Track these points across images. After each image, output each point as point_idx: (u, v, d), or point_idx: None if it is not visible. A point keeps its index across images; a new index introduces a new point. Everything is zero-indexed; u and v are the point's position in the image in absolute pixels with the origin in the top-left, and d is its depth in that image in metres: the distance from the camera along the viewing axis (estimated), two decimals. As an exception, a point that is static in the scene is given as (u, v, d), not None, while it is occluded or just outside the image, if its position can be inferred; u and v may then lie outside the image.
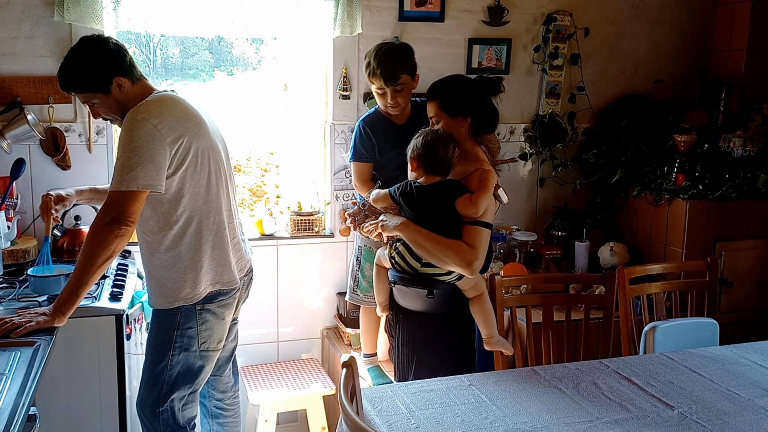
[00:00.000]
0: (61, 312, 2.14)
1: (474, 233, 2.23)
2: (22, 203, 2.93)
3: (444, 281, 2.30)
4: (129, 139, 2.18)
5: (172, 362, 2.36)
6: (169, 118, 2.23)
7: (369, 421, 1.80)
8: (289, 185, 3.49)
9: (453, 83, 2.44)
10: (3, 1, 2.90)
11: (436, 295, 2.29)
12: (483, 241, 2.25)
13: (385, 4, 3.35)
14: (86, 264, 2.15)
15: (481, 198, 2.23)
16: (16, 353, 1.93)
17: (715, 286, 2.86)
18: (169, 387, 2.37)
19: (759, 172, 3.32)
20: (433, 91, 2.43)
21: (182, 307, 2.33)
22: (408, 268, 2.31)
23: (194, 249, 2.32)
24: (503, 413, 1.84)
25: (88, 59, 2.28)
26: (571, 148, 3.75)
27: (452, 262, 2.22)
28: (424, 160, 2.32)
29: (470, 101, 2.38)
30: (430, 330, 2.36)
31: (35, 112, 2.95)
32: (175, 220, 2.29)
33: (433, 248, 2.23)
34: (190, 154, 2.26)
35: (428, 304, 2.31)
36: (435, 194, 2.28)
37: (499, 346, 2.38)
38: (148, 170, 2.16)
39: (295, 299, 3.45)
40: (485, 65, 3.53)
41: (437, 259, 2.24)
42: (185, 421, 2.44)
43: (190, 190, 2.29)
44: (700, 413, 1.87)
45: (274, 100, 3.53)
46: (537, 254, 3.52)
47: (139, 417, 2.45)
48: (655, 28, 3.82)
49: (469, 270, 2.22)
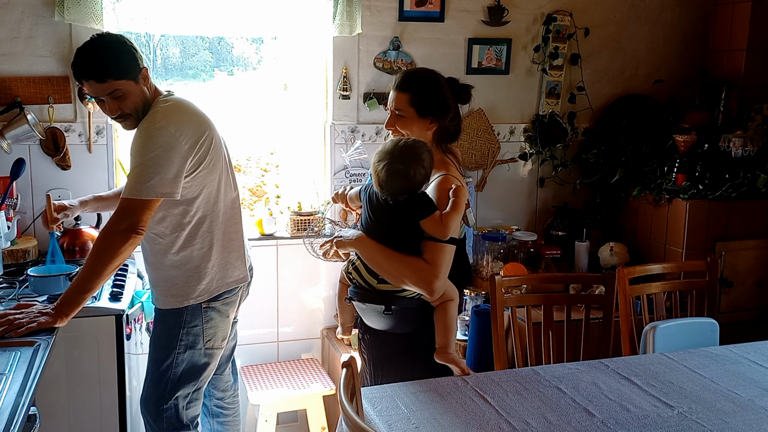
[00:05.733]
0: (64, 313, 2.14)
1: (436, 250, 2.00)
2: (22, 203, 2.93)
3: (404, 297, 2.08)
4: (148, 148, 2.17)
5: (177, 360, 2.36)
6: (186, 125, 2.23)
7: (369, 421, 1.80)
8: (289, 185, 3.49)
9: (429, 79, 2.16)
10: (3, 1, 2.90)
11: (395, 311, 2.08)
12: (446, 258, 2.01)
13: (385, 4, 3.35)
14: (95, 269, 2.15)
15: (451, 219, 1.98)
16: (16, 353, 1.94)
17: (715, 286, 2.86)
18: (173, 385, 2.38)
19: (759, 172, 3.31)
20: (405, 82, 2.14)
21: (189, 306, 2.33)
22: (365, 285, 2.10)
23: (206, 248, 2.34)
24: (503, 413, 1.84)
25: (121, 47, 2.24)
26: (571, 148, 3.75)
27: (410, 282, 2.01)
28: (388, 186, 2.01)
29: (443, 103, 2.15)
30: (396, 351, 2.16)
31: (35, 112, 2.95)
32: (188, 221, 2.30)
33: (389, 266, 2.02)
34: (206, 158, 2.27)
35: (388, 321, 2.10)
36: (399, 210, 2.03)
37: (450, 362, 2.06)
38: (166, 179, 2.17)
39: (295, 299, 3.45)
40: (485, 65, 3.53)
41: (393, 278, 2.03)
42: (189, 419, 2.44)
43: (203, 192, 2.30)
44: (700, 413, 1.87)
45: (274, 100, 3.53)
46: (537, 254, 3.51)
47: (143, 416, 2.45)
48: (655, 28, 3.82)
49: (428, 289, 2.00)
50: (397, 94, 2.15)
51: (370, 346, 2.23)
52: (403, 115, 2.14)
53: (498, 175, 3.65)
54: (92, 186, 3.03)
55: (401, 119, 2.15)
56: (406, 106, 2.13)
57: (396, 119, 2.16)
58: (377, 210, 2.08)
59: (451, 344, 2.07)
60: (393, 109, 2.16)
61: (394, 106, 2.16)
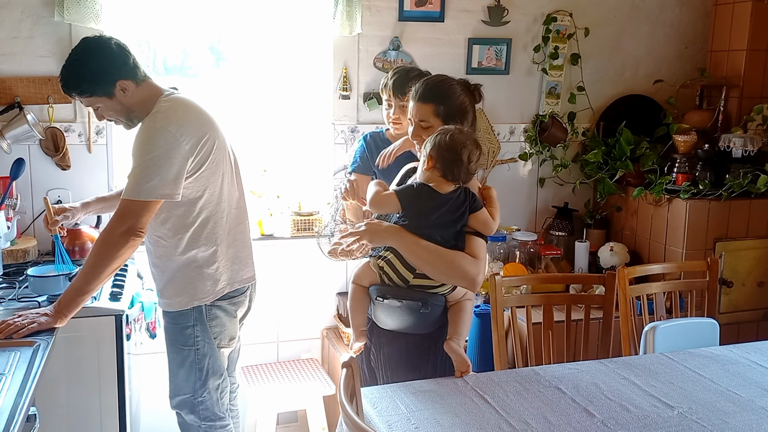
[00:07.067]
0: (63, 314, 2.14)
1: (479, 245, 2.04)
2: (21, 203, 2.93)
3: (437, 293, 2.07)
4: (148, 148, 2.16)
5: (198, 355, 2.37)
6: (188, 125, 2.21)
7: (369, 421, 1.80)
8: (289, 185, 3.49)
9: (448, 87, 2.19)
10: (3, 1, 2.90)
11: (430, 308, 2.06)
12: (485, 254, 2.06)
13: (385, 4, 3.35)
14: (95, 271, 2.14)
15: (498, 215, 2.09)
16: (16, 353, 1.93)
17: (715, 286, 2.86)
18: (202, 379, 2.39)
19: (759, 172, 3.32)
20: (426, 93, 2.16)
21: (196, 307, 2.34)
22: (399, 280, 2.05)
23: (211, 249, 2.33)
24: (503, 413, 1.84)
25: (90, 63, 2.20)
26: (571, 148, 3.75)
27: (456, 275, 2.00)
28: (444, 162, 2.02)
29: (464, 109, 2.18)
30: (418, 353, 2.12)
31: (35, 112, 2.95)
32: (192, 222, 2.29)
33: (434, 260, 1.99)
34: (209, 158, 2.25)
35: (422, 319, 2.07)
36: (452, 205, 2.03)
37: (456, 355, 2.05)
38: (167, 180, 2.15)
39: (295, 299, 3.45)
40: (485, 65, 3.53)
41: (439, 272, 2.01)
42: (222, 410, 2.47)
43: (206, 192, 2.29)
44: (700, 413, 1.87)
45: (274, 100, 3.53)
46: (537, 254, 3.51)
47: (177, 413, 2.47)
48: (655, 28, 3.81)
49: (473, 284, 2.01)
50: (420, 106, 2.16)
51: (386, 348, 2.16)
52: (430, 125, 2.15)
53: (498, 175, 3.65)
54: (92, 186, 3.03)
55: (428, 129, 2.15)
56: (431, 116, 2.14)
57: (422, 130, 2.16)
58: (427, 207, 2.03)
59: (462, 338, 2.10)
60: (418, 121, 2.16)
61: (418, 118, 2.16)
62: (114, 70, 2.21)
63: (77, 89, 2.24)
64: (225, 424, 2.48)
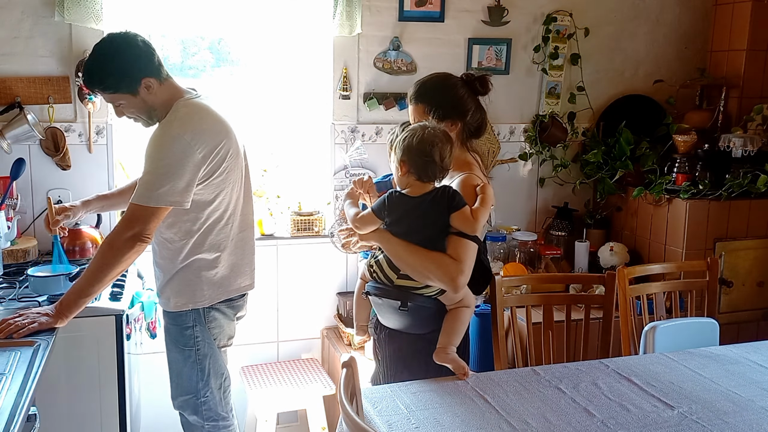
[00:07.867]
0: (64, 315, 2.14)
1: (461, 246, 1.99)
2: (22, 203, 2.93)
3: (422, 295, 2.06)
4: (161, 155, 2.15)
5: (199, 355, 2.37)
6: (202, 133, 2.19)
7: (369, 421, 1.80)
8: (289, 185, 3.49)
9: (441, 85, 2.20)
10: (3, 1, 2.90)
11: (411, 309, 2.06)
12: (470, 255, 2.01)
13: (385, 4, 3.35)
14: (99, 274, 2.15)
15: (481, 213, 2.00)
16: (16, 353, 1.94)
17: (715, 286, 2.86)
18: (204, 379, 2.39)
19: (759, 172, 3.32)
20: (418, 94, 2.18)
21: (195, 309, 2.34)
22: (386, 280, 2.08)
23: (214, 255, 2.33)
24: (503, 413, 1.84)
25: (117, 59, 2.18)
26: (571, 148, 3.75)
27: (434, 277, 2.00)
28: (416, 165, 2.01)
29: (461, 103, 2.18)
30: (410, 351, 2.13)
31: (35, 112, 2.95)
32: (198, 228, 2.29)
33: (414, 260, 2.01)
34: (221, 167, 2.25)
35: (403, 318, 2.09)
36: (428, 207, 2.02)
37: (449, 362, 2.04)
38: (178, 188, 2.15)
39: (295, 299, 3.45)
40: (485, 65, 3.53)
41: (418, 273, 2.02)
42: (227, 410, 2.47)
43: (215, 200, 2.28)
44: (700, 413, 1.87)
45: (274, 100, 3.53)
46: (537, 254, 3.52)
47: (180, 414, 2.47)
48: (655, 28, 3.82)
49: (453, 285, 1.99)
50: (414, 107, 2.20)
51: (384, 344, 2.20)
52: None
53: (498, 175, 3.65)
54: (92, 186, 3.03)
55: None
56: (424, 116, 2.17)
57: None
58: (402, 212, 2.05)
59: (451, 346, 2.06)
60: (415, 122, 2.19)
61: (414, 119, 2.20)
62: (140, 67, 2.20)
63: (102, 84, 2.22)
64: (228, 424, 2.48)
